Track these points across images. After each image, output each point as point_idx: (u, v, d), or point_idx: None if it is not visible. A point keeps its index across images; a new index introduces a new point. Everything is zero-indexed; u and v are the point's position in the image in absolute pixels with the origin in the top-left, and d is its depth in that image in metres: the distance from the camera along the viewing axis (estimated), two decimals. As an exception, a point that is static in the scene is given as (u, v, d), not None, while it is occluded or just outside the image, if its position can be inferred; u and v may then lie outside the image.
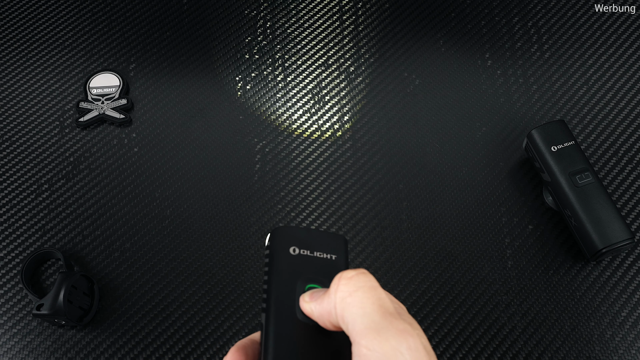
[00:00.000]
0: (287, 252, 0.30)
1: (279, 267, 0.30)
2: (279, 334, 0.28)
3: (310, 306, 0.28)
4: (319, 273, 0.30)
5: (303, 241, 0.31)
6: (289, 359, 0.27)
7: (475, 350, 0.53)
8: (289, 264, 0.30)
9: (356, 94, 0.65)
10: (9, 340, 0.53)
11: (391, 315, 0.26)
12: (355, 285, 0.27)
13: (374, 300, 0.26)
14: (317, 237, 0.32)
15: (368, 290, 0.26)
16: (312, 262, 0.30)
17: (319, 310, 0.28)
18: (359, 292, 0.26)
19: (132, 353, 0.53)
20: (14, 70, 0.66)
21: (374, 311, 0.26)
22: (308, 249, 0.31)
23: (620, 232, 0.52)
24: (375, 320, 0.25)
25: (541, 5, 0.70)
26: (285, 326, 0.28)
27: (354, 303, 0.26)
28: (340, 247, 0.32)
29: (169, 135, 0.63)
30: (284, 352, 0.27)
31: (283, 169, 0.61)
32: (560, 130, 0.56)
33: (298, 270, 0.30)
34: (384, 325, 0.25)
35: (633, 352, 0.53)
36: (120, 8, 0.70)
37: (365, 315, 0.26)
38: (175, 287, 0.56)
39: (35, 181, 0.60)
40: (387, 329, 0.25)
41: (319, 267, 0.30)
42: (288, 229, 0.31)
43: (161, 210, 0.59)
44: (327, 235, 0.32)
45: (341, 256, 0.31)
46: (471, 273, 0.56)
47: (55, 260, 0.57)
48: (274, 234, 0.31)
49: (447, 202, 0.59)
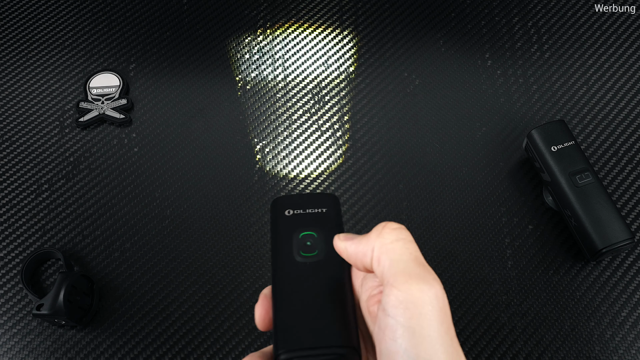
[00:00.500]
0: (283, 214, 0.36)
1: (277, 227, 0.35)
2: (281, 275, 0.33)
3: (345, 244, 0.32)
4: (310, 223, 0.35)
5: (296, 203, 0.36)
6: (290, 290, 0.32)
7: (475, 350, 0.53)
8: (285, 222, 0.35)
9: (356, 94, 0.65)
10: (9, 340, 0.54)
11: (424, 266, 0.29)
12: (398, 236, 0.30)
13: (412, 251, 0.30)
14: (308, 198, 0.37)
15: (409, 242, 0.30)
16: (305, 217, 0.36)
17: (354, 250, 0.31)
18: (400, 242, 0.30)
19: (132, 353, 0.53)
20: (14, 70, 0.66)
21: (410, 260, 0.29)
22: (300, 209, 0.36)
23: (620, 232, 0.52)
24: (410, 267, 0.29)
25: (541, 5, 0.70)
26: (285, 266, 0.33)
27: (395, 249, 0.29)
28: (330, 202, 0.36)
29: (169, 135, 0.63)
30: (286, 285, 0.33)
31: (283, 169, 0.61)
32: (560, 130, 0.56)
33: (293, 224, 0.35)
34: (417, 272, 0.28)
35: (633, 352, 0.53)
36: (120, 8, 0.70)
37: (402, 261, 0.29)
38: (175, 287, 0.56)
39: (35, 181, 0.60)
40: (419, 276, 0.28)
41: (311, 219, 0.35)
42: (283, 198, 0.37)
43: (161, 210, 0.59)
44: (317, 195, 0.37)
45: (331, 209, 0.36)
46: (471, 273, 0.56)
47: (55, 260, 0.57)
48: (273, 204, 0.37)
49: (447, 202, 0.59)
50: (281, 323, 0.31)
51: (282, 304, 0.32)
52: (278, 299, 0.32)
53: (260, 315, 0.33)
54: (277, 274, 0.33)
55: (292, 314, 0.31)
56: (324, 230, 0.35)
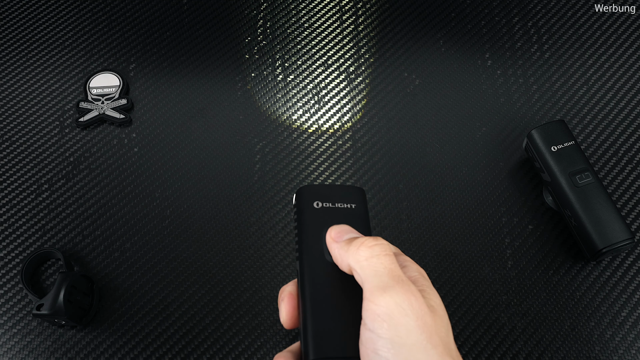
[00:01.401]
0: (312, 206, 0.34)
1: (306, 220, 0.34)
2: (311, 273, 0.32)
3: (333, 245, 0.33)
4: (341, 220, 0.34)
5: (325, 195, 0.35)
6: (320, 292, 0.32)
7: (475, 350, 0.53)
8: (314, 216, 0.34)
9: (356, 94, 0.65)
10: (9, 340, 0.54)
11: (398, 278, 0.30)
12: (372, 253, 0.31)
13: (386, 265, 0.30)
14: (337, 190, 0.36)
15: (383, 257, 0.31)
16: (335, 212, 0.34)
17: (339, 253, 0.32)
18: (373, 258, 0.31)
19: (132, 353, 0.53)
20: (14, 70, 0.66)
21: (384, 274, 0.30)
22: (330, 202, 0.35)
23: (620, 232, 0.52)
24: (384, 281, 0.29)
25: (541, 5, 0.70)
26: (315, 267, 0.33)
27: (369, 266, 0.30)
28: (359, 197, 0.36)
29: (169, 135, 0.63)
30: (316, 288, 0.32)
31: (283, 169, 0.61)
32: (560, 130, 0.56)
33: (323, 220, 0.34)
34: (391, 285, 0.29)
35: (633, 352, 0.53)
36: (120, 8, 0.70)
37: (376, 276, 0.30)
38: (175, 287, 0.56)
39: (35, 181, 0.60)
40: (393, 288, 0.29)
41: (340, 215, 0.34)
42: (311, 187, 0.35)
43: (161, 210, 0.59)
44: (347, 188, 0.36)
45: (360, 205, 0.35)
46: (471, 273, 0.56)
47: (55, 260, 0.57)
48: (299, 193, 0.35)
49: (447, 202, 0.59)
50: (313, 327, 0.31)
51: (313, 307, 0.31)
52: (308, 300, 0.32)
53: (288, 313, 0.33)
54: (306, 273, 0.33)
55: (324, 318, 0.31)
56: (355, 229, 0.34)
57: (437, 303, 0.31)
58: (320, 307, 0.31)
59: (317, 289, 0.32)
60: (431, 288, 0.32)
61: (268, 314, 0.54)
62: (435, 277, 0.56)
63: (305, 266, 0.33)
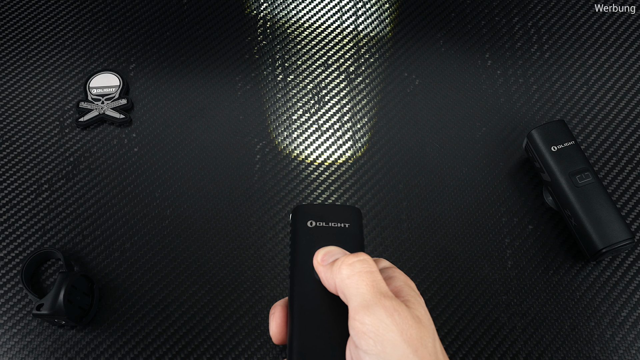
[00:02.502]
0: (305, 225, 0.35)
1: (299, 239, 0.35)
2: (300, 292, 0.33)
3: (319, 268, 0.33)
4: (333, 240, 0.35)
5: (319, 215, 0.36)
6: (309, 312, 0.32)
7: (475, 350, 0.53)
8: (307, 236, 0.35)
9: (356, 94, 0.65)
10: (9, 340, 0.54)
11: (381, 295, 0.30)
12: (353, 270, 0.31)
13: (367, 282, 0.31)
14: (332, 210, 0.36)
15: (364, 274, 0.31)
16: (328, 231, 0.35)
17: (325, 276, 0.33)
18: (355, 276, 0.31)
19: (132, 353, 0.53)
20: (14, 70, 0.66)
21: (367, 292, 0.30)
22: (323, 221, 0.35)
23: (620, 232, 0.52)
24: (367, 299, 0.30)
25: (541, 5, 0.70)
26: (304, 285, 0.33)
27: (351, 284, 0.31)
28: (354, 216, 0.36)
29: (169, 135, 0.63)
30: (304, 307, 0.32)
31: (283, 169, 0.61)
32: (560, 130, 0.56)
33: (315, 239, 0.35)
34: (374, 302, 0.30)
35: (633, 352, 0.53)
36: (120, 8, 0.70)
37: (359, 294, 0.30)
38: (175, 287, 0.56)
39: (35, 181, 0.60)
40: (377, 305, 0.30)
41: (333, 234, 0.35)
42: (306, 207, 0.36)
43: (161, 210, 0.59)
44: (342, 208, 0.36)
45: (355, 224, 0.36)
46: (471, 273, 0.56)
47: (55, 260, 0.57)
48: (294, 212, 0.36)
49: (447, 202, 0.59)
50: (299, 342, 0.31)
51: (300, 323, 0.32)
52: (296, 316, 0.32)
53: (277, 327, 0.34)
54: (295, 290, 0.33)
55: (310, 334, 0.31)
56: (346, 248, 0.34)
57: (422, 313, 0.31)
58: (306, 323, 0.32)
59: (305, 306, 0.33)
60: (416, 298, 0.32)
61: (268, 314, 0.54)
62: (435, 277, 0.56)
63: (295, 284, 0.33)
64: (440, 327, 0.54)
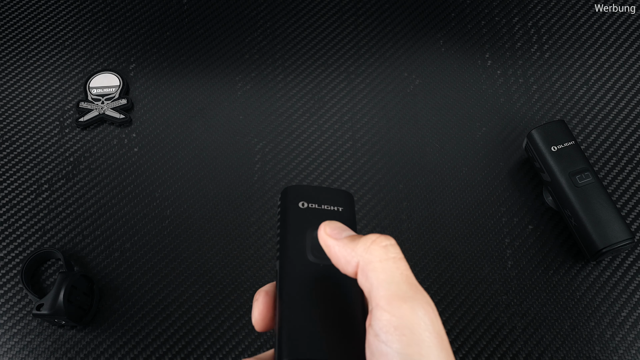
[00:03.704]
0: (297, 206, 0.33)
1: (290, 219, 0.32)
2: (291, 274, 0.30)
3: (330, 242, 0.29)
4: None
5: (311, 196, 0.33)
6: (302, 295, 0.30)
7: (475, 350, 0.53)
8: (298, 216, 0.33)
9: (356, 94, 0.65)
10: (9, 340, 0.54)
11: (417, 287, 0.27)
12: (387, 255, 0.27)
13: (402, 270, 0.27)
14: (324, 192, 0.34)
15: (399, 260, 0.27)
16: (320, 214, 0.33)
17: (336, 252, 0.29)
18: (389, 261, 0.27)
19: (132, 353, 0.53)
20: (14, 70, 0.66)
21: (402, 281, 0.27)
22: (316, 203, 0.33)
23: (620, 232, 0.52)
24: (403, 289, 0.26)
25: (541, 5, 0.70)
26: (296, 267, 0.30)
27: (383, 269, 0.27)
28: (346, 200, 0.34)
29: (169, 135, 0.63)
30: (296, 287, 0.30)
31: (283, 168, 0.61)
32: (560, 130, 0.56)
33: (307, 220, 0.32)
34: (411, 295, 0.26)
35: (633, 352, 0.53)
36: (120, 8, 0.70)
37: (392, 282, 0.26)
38: (175, 287, 0.56)
39: (35, 181, 0.60)
40: (414, 298, 0.26)
41: (327, 217, 0.33)
42: (297, 187, 0.34)
43: (161, 210, 0.59)
44: (334, 191, 0.34)
45: (347, 208, 0.34)
46: (471, 273, 0.56)
47: (55, 260, 0.57)
48: (285, 192, 0.34)
49: (447, 202, 0.59)
50: (288, 327, 0.29)
51: (290, 306, 0.29)
52: (286, 299, 0.30)
53: (261, 314, 0.31)
54: (286, 271, 0.30)
55: (300, 319, 0.29)
56: None
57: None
58: (299, 307, 0.29)
59: (297, 288, 0.30)
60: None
61: (268, 314, 0.54)
62: (435, 277, 0.56)
63: (285, 265, 0.31)
64: (440, 327, 0.54)
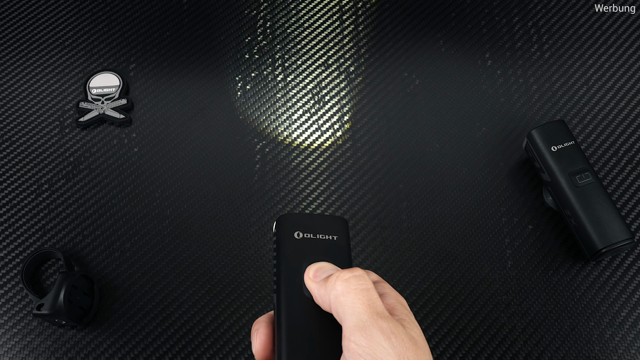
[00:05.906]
0: (292, 236, 0.34)
1: (286, 251, 0.33)
2: (289, 309, 0.31)
3: (311, 285, 0.32)
4: (322, 253, 0.33)
5: (306, 225, 0.34)
6: (298, 330, 0.31)
7: (475, 350, 0.53)
8: (294, 248, 0.33)
9: (356, 94, 0.65)
10: (9, 340, 0.54)
11: (378, 315, 0.29)
12: (349, 287, 0.30)
13: (364, 301, 0.29)
14: (319, 220, 0.35)
15: (360, 292, 0.30)
16: (316, 244, 0.34)
17: (318, 293, 0.31)
18: (351, 294, 0.29)
19: (132, 353, 0.53)
20: (14, 70, 0.66)
21: (363, 311, 0.29)
22: (311, 233, 0.34)
23: (620, 232, 0.52)
24: (363, 320, 0.28)
25: (541, 5, 0.70)
26: (293, 302, 0.32)
27: (346, 302, 0.29)
28: (341, 228, 0.35)
29: (169, 135, 0.63)
30: (293, 325, 0.31)
31: (283, 168, 0.61)
32: (560, 130, 0.56)
33: (303, 252, 0.33)
34: (370, 324, 0.28)
35: (633, 351, 0.53)
36: (120, 8, 0.70)
37: (354, 314, 0.29)
38: (175, 287, 0.56)
39: (35, 181, 0.60)
40: (373, 327, 0.28)
41: (322, 247, 0.34)
42: (292, 216, 0.34)
43: (161, 210, 0.59)
44: (329, 218, 0.35)
45: (342, 236, 0.34)
46: (471, 273, 0.56)
47: (55, 260, 0.57)
48: (279, 221, 0.34)
49: (447, 202, 0.59)
50: None
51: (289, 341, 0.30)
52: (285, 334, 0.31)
53: (262, 344, 0.32)
54: (283, 306, 0.32)
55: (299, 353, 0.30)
56: (335, 262, 0.33)
57: (417, 333, 0.30)
58: (296, 342, 0.30)
59: (293, 322, 0.31)
60: (410, 317, 0.31)
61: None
62: (435, 277, 0.56)
63: (282, 299, 0.32)
64: (440, 326, 0.54)
